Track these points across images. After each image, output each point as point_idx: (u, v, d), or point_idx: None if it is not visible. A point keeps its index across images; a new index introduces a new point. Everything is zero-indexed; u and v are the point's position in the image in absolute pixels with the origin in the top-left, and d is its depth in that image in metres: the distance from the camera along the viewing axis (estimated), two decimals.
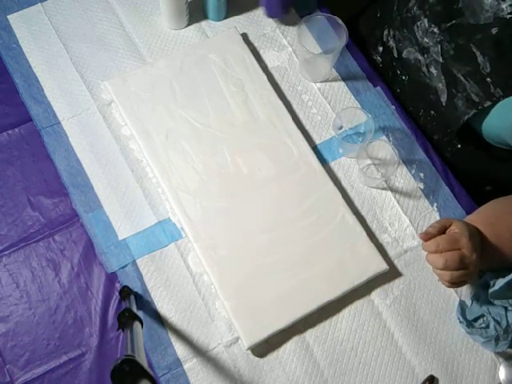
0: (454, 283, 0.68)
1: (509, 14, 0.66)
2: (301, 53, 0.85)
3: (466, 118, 0.76)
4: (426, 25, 0.78)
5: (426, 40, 0.79)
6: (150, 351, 0.71)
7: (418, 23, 0.79)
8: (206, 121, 0.81)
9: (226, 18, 0.91)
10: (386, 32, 0.91)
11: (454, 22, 0.73)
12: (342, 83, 0.88)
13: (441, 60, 0.77)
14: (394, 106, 0.86)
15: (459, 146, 0.84)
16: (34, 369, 0.70)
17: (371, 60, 0.95)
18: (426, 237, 0.69)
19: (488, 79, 0.71)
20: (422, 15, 0.78)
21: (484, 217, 0.73)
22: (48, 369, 0.70)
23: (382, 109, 0.86)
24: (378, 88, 0.88)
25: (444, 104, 0.80)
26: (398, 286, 0.76)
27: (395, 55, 0.89)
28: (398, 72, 0.90)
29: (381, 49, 0.94)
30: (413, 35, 0.83)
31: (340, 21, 0.80)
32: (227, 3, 0.89)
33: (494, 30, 0.68)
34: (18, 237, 0.76)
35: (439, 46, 0.77)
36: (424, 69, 0.83)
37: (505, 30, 0.67)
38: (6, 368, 0.70)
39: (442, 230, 0.70)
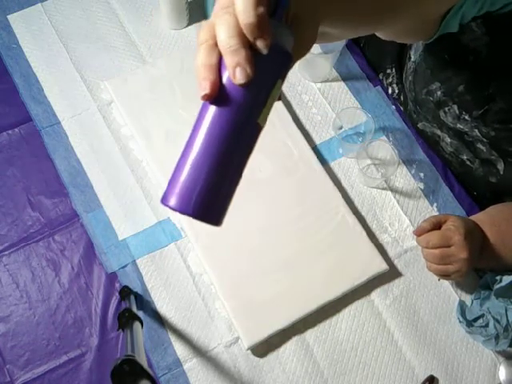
0: (439, 275, 0.71)
1: None
2: None
3: None
4: (457, 111, 0.73)
5: (459, 126, 0.74)
6: (150, 351, 0.71)
7: (446, 109, 0.74)
8: None
9: None
10: (381, 76, 0.89)
11: (485, 107, 0.69)
12: (342, 83, 0.87)
13: (485, 140, 0.73)
14: (394, 106, 0.86)
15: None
16: (34, 369, 0.70)
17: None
18: (419, 232, 0.71)
19: None
20: (449, 101, 0.73)
21: (491, 217, 0.73)
22: (48, 369, 0.70)
23: (382, 109, 0.86)
24: (378, 88, 0.88)
25: (502, 172, 0.76)
26: (398, 286, 0.76)
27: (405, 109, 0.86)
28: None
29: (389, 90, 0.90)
30: (430, 115, 0.79)
31: None
32: None
33: None
34: (17, 237, 0.76)
35: (476, 131, 0.73)
36: (443, 144, 0.81)
37: None
38: (5, 368, 0.70)
39: (438, 226, 0.71)
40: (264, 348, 0.72)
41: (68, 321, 0.72)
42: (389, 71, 0.88)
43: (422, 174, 0.82)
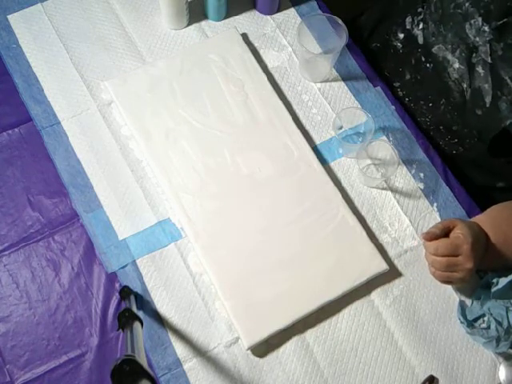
0: (442, 281, 0.72)
1: None
2: (301, 53, 0.85)
3: (509, 122, 0.74)
4: (480, 23, 0.75)
5: (477, 39, 0.76)
6: (150, 351, 0.71)
7: (472, 21, 0.76)
8: (206, 121, 0.81)
9: (226, 17, 0.91)
10: (409, 19, 0.90)
11: (505, 20, 0.71)
12: (342, 83, 0.88)
13: (489, 60, 0.75)
14: (394, 106, 0.86)
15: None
16: (33, 369, 0.70)
17: (390, 46, 0.93)
18: (429, 237, 0.70)
19: None
20: (475, 13, 0.75)
21: (493, 218, 0.73)
22: (48, 369, 0.70)
23: (382, 109, 0.86)
24: (378, 88, 0.88)
25: (488, 105, 0.77)
26: (398, 286, 0.76)
27: (420, 42, 0.87)
28: (423, 59, 0.88)
29: (402, 36, 0.92)
30: (453, 31, 0.80)
31: (340, 21, 0.80)
32: (227, 3, 0.89)
33: None
34: (18, 237, 0.76)
35: (488, 46, 0.74)
36: (450, 69, 0.82)
37: None
38: (5, 368, 0.70)
39: (445, 232, 0.70)
40: (264, 348, 0.72)
41: (68, 321, 0.72)
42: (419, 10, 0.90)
43: (421, 174, 0.82)
